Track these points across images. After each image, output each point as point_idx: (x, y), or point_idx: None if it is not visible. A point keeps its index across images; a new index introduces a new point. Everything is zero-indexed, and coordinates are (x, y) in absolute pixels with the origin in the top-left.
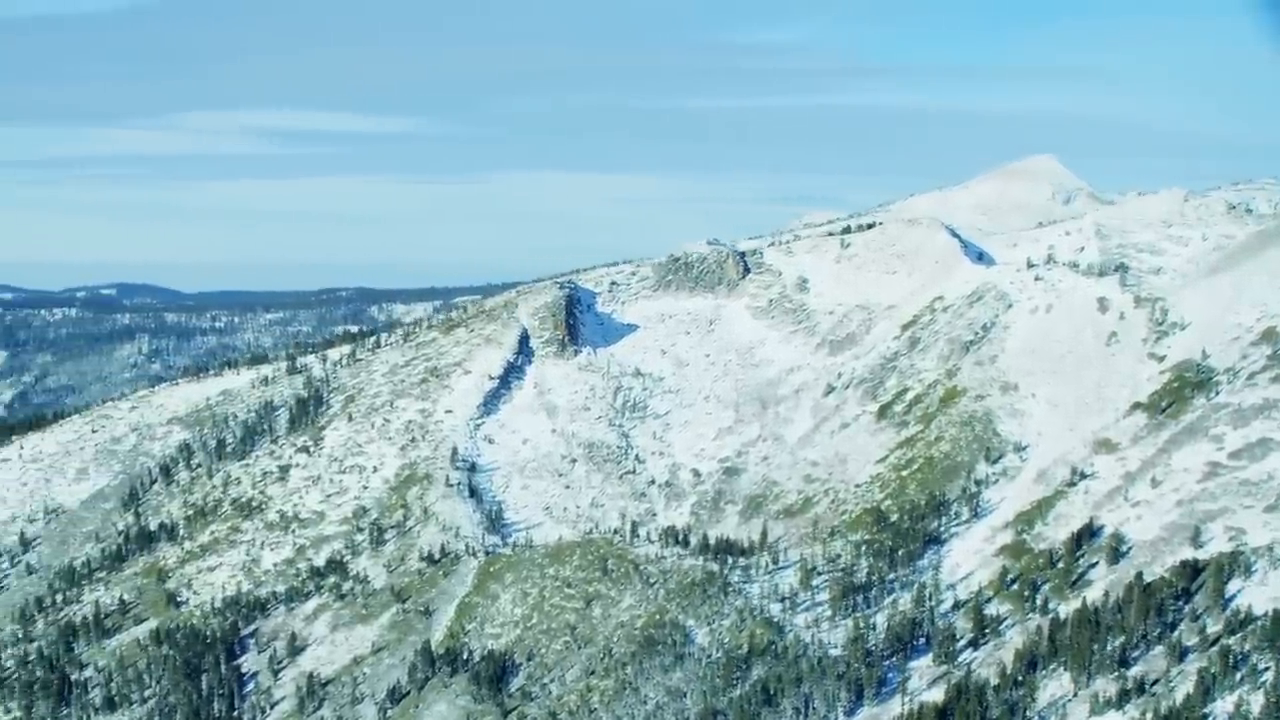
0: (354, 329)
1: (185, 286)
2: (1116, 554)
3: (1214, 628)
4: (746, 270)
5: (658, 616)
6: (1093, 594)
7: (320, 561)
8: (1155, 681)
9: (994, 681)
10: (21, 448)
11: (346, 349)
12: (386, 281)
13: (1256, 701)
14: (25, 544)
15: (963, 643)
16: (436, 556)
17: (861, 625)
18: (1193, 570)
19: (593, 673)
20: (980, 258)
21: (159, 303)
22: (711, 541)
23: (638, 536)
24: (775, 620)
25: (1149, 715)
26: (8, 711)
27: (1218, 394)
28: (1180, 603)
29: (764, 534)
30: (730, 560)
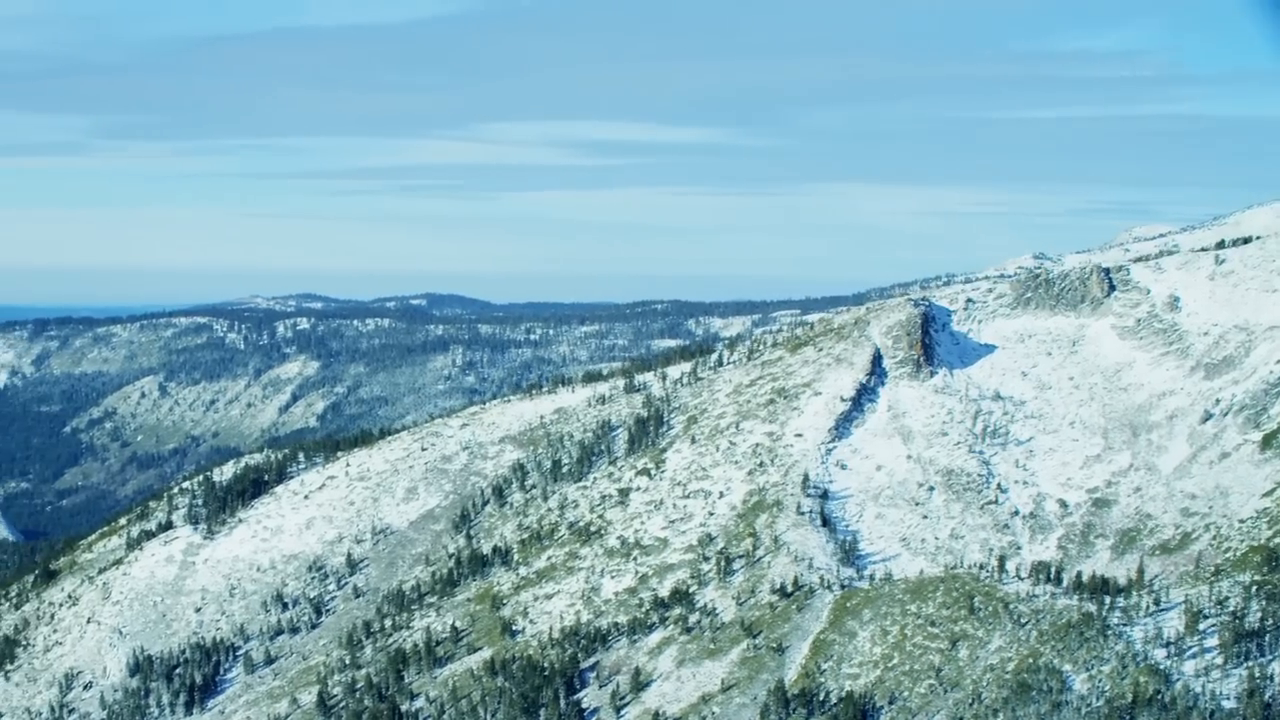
0: (673, 343)
1: (494, 297)
2: None
3: None
4: (1111, 288)
5: (1030, 660)
6: None
7: (664, 592)
8: None
9: None
10: (348, 465)
11: (686, 366)
12: (700, 294)
13: None
14: (352, 566)
15: None
16: (789, 589)
17: (1257, 675)
18: None
19: (961, 719)
20: None
21: (469, 314)
22: (1084, 579)
23: (1005, 572)
24: (1160, 668)
25: None
26: None
27: None
28: None
29: (1140, 572)
30: (1107, 600)
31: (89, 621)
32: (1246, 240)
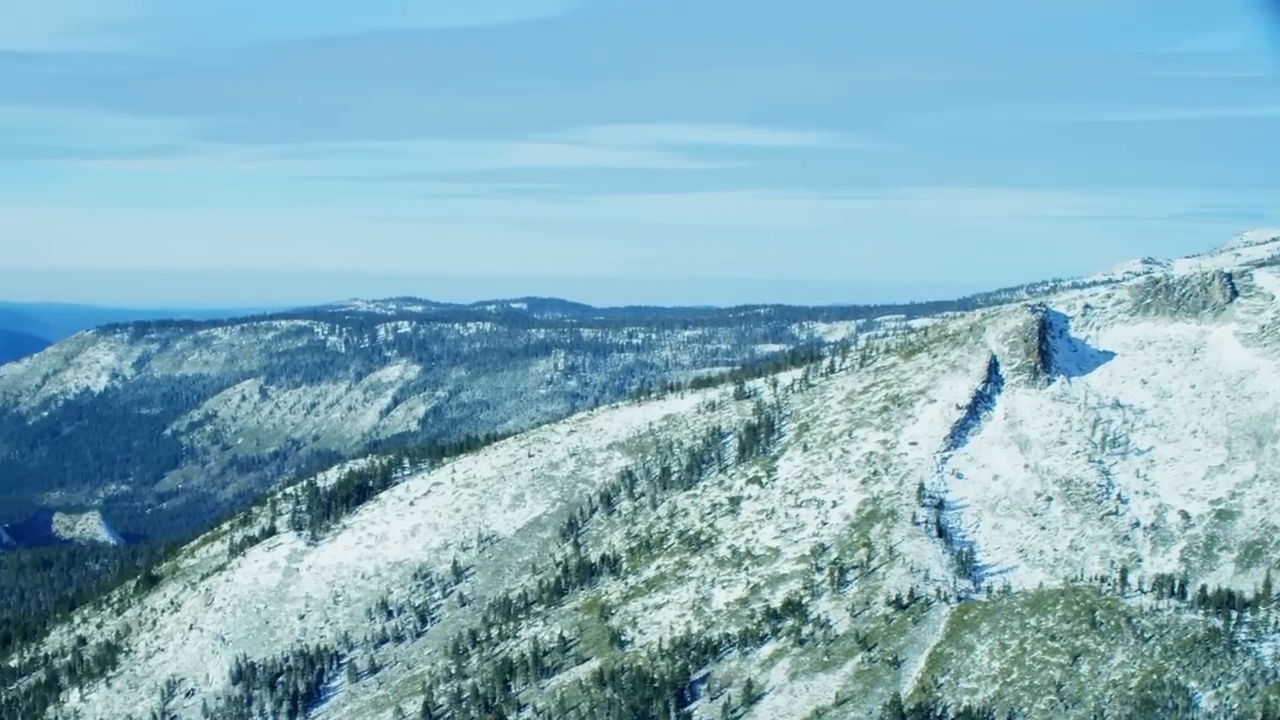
0: (776, 348)
1: (594, 301)
2: None
3: None
4: (1234, 293)
5: (1154, 676)
6: None
7: (776, 602)
8: None
9: None
10: (454, 471)
11: (798, 372)
12: (803, 298)
13: None
14: (458, 573)
15: None
16: (904, 601)
17: None
18: None
19: None
20: None
21: (570, 317)
22: (1208, 592)
23: (1127, 585)
24: None
25: None
26: None
27: None
28: None
29: (1267, 585)
30: (1233, 615)
31: (191, 628)
32: None
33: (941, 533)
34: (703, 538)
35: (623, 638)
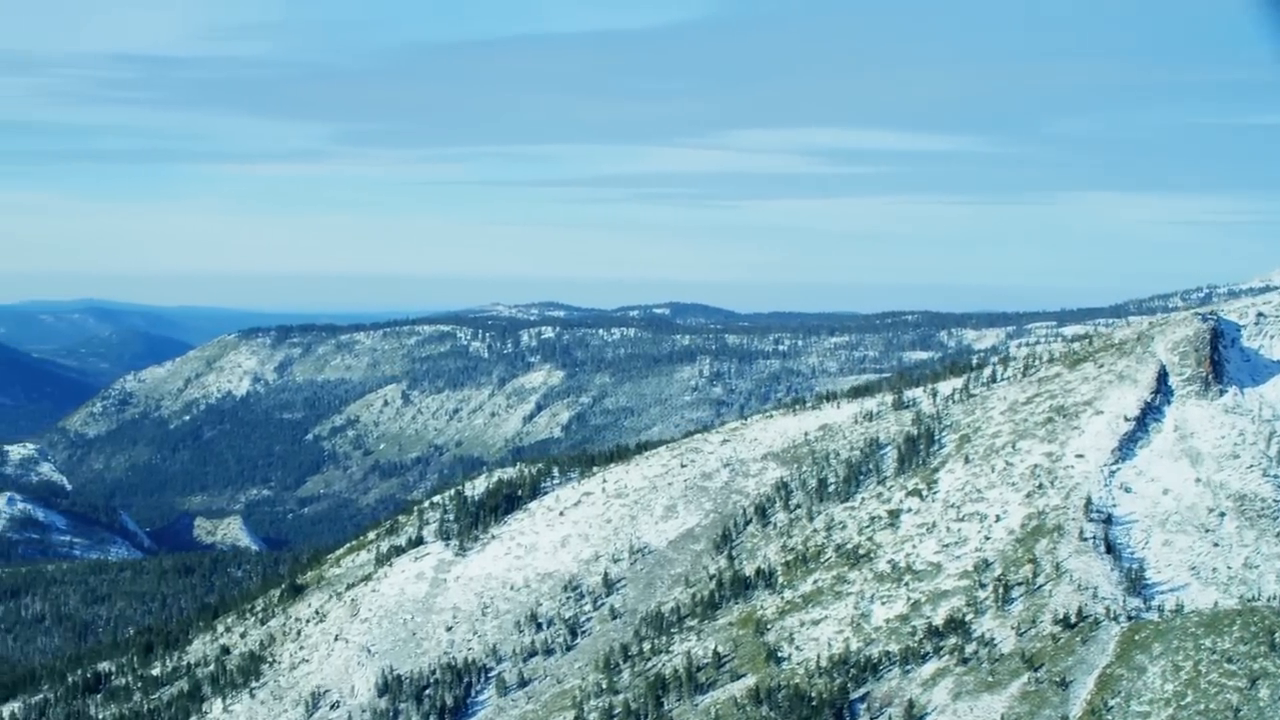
0: (924, 355)
1: (738, 307)
2: None
3: None
4: None
5: None
6: None
7: (938, 620)
8: None
9: None
10: (604, 481)
11: (958, 382)
12: (951, 304)
13: None
14: (609, 586)
15: None
16: (1072, 620)
17: None
18: None
19: None
20: None
21: (713, 323)
22: None
23: None
24: None
25: None
26: None
27: None
28: None
29: None
30: None
31: (337, 639)
32: None
33: (1110, 549)
34: (861, 551)
35: (779, 654)
